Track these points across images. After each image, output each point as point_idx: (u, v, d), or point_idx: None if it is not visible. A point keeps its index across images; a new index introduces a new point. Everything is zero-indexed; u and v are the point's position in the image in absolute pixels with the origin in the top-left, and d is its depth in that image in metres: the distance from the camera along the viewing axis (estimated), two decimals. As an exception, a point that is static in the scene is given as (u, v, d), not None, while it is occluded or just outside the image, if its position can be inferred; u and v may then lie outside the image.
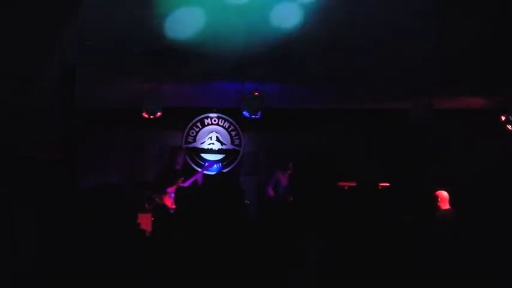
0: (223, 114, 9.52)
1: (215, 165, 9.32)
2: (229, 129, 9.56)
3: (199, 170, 8.81)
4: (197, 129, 9.49)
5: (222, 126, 9.56)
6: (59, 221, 4.08)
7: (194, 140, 9.45)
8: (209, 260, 3.42)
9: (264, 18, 4.94)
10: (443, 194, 6.78)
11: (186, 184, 8.12)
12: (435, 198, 6.60)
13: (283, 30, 5.08)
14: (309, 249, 3.58)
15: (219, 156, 9.48)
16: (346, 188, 7.37)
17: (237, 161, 9.54)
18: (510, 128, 7.58)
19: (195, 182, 8.22)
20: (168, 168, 8.32)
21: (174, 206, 7.67)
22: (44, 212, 4.31)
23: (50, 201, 5.09)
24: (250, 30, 5.05)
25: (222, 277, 3.35)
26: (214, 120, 9.56)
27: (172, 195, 7.89)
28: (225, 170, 9.26)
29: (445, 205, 6.67)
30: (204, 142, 9.48)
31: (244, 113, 7.41)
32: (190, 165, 9.17)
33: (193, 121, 9.48)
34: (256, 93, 7.16)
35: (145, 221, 7.02)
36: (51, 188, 5.67)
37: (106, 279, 3.19)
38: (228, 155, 9.53)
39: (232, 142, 9.57)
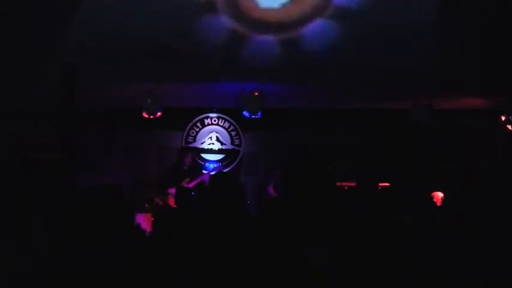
0: (223, 114, 9.52)
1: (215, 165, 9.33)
2: (229, 129, 9.56)
3: (206, 171, 8.78)
4: (197, 129, 9.49)
5: (222, 126, 9.56)
6: (58, 220, 4.08)
7: (194, 140, 9.45)
8: (212, 258, 3.41)
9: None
10: (439, 194, 6.83)
11: (191, 185, 8.12)
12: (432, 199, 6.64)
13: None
14: (309, 249, 3.58)
15: (219, 156, 9.48)
16: (346, 187, 7.40)
17: (237, 161, 9.54)
18: (510, 128, 7.58)
19: (201, 182, 8.21)
20: (176, 169, 8.33)
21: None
22: (44, 211, 4.30)
23: (50, 200, 5.09)
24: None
25: (226, 274, 3.35)
26: (214, 120, 9.55)
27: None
28: (225, 170, 9.25)
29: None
30: (204, 142, 9.48)
31: (244, 113, 7.42)
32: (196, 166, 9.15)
33: (193, 121, 9.47)
34: (256, 93, 7.16)
35: (146, 221, 7.04)
36: (50, 187, 5.67)
37: (105, 278, 3.19)
38: (228, 155, 9.52)
39: (232, 142, 9.56)
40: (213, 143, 9.50)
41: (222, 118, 9.54)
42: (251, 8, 4.65)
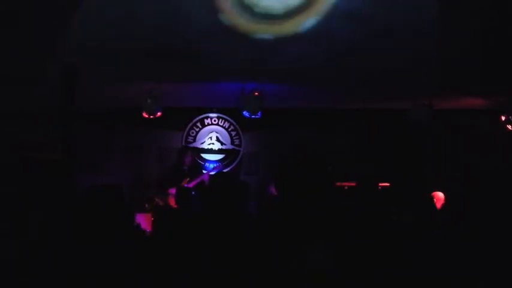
0: (223, 114, 9.52)
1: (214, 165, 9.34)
2: (229, 129, 9.56)
3: (206, 171, 8.77)
4: (197, 129, 9.49)
5: (222, 126, 9.56)
6: (58, 220, 4.08)
7: (194, 140, 9.45)
8: (212, 258, 3.41)
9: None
10: (439, 194, 6.83)
11: (191, 185, 8.11)
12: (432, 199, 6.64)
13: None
14: (309, 249, 3.58)
15: (219, 156, 9.48)
16: (346, 187, 7.39)
17: (237, 161, 9.54)
18: (510, 128, 7.58)
19: (201, 182, 8.21)
20: (176, 169, 8.33)
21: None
22: (44, 211, 4.31)
23: (50, 200, 5.09)
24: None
25: (226, 274, 3.35)
26: (214, 120, 9.55)
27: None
28: (225, 170, 9.25)
29: (438, 206, 6.71)
30: (204, 142, 9.48)
31: (244, 113, 7.42)
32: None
33: (193, 121, 9.47)
34: (256, 93, 7.16)
35: (146, 221, 7.03)
36: (50, 187, 5.67)
37: (105, 278, 3.19)
38: (228, 155, 9.53)
39: (232, 142, 9.56)
40: (213, 143, 9.50)
41: (222, 118, 9.54)
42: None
